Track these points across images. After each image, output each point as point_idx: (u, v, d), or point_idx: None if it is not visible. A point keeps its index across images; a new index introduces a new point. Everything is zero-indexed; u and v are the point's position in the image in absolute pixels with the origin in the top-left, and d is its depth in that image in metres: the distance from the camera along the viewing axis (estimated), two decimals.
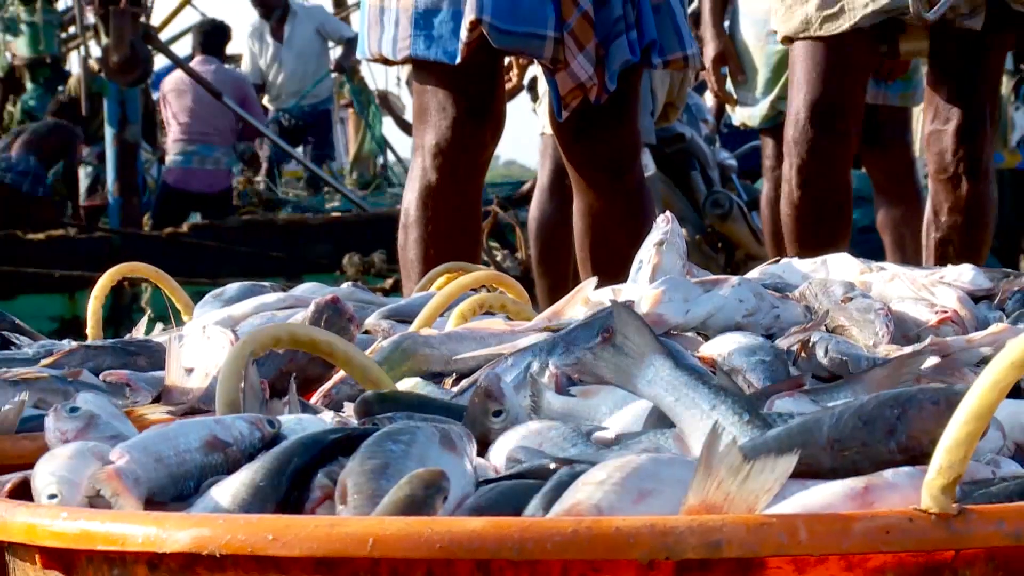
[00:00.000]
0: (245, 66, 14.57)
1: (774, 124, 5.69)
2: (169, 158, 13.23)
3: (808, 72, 4.56)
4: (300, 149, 14.09)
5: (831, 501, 1.31)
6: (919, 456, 1.32)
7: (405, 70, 12.23)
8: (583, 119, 3.74)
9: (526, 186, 10.00)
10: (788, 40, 4.62)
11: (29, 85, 14.50)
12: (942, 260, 4.08)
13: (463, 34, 3.60)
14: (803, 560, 1.25)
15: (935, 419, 1.33)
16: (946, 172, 4.31)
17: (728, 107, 6.48)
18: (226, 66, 13.75)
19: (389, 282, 8.69)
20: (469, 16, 3.57)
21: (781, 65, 5.55)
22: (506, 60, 4.73)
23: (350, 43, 13.53)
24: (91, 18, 12.15)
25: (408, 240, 3.85)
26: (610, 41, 3.72)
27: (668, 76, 6.03)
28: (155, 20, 14.12)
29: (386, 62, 3.83)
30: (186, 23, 15.99)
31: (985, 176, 4.32)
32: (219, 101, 11.97)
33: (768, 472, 1.28)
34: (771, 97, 5.84)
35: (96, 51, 12.69)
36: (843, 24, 4.45)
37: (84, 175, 14.00)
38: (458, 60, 3.62)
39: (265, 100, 14.03)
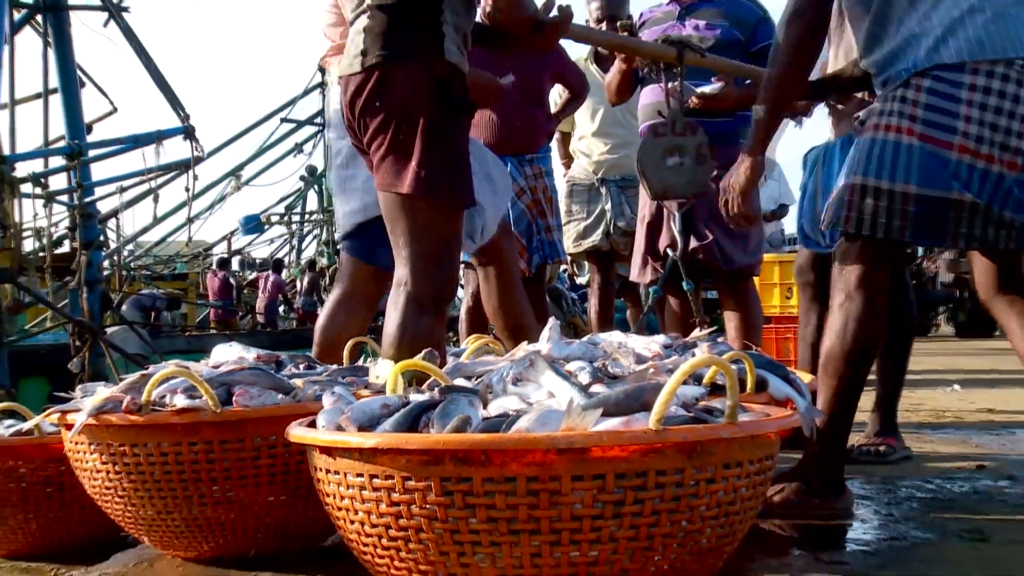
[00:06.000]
0: None
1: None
2: None
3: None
4: None
5: (615, 426, 1.32)
6: (648, 409, 1.33)
7: None
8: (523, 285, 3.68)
9: None
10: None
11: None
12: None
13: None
14: (605, 448, 1.27)
15: (654, 393, 1.34)
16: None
17: (576, 276, 6.35)
18: None
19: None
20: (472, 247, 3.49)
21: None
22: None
23: None
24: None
25: (462, 326, 3.79)
26: (532, 254, 3.75)
27: (549, 267, 5.86)
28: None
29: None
30: None
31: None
32: None
33: (591, 415, 1.30)
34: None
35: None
36: (581, 247, 4.31)
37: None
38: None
39: None
